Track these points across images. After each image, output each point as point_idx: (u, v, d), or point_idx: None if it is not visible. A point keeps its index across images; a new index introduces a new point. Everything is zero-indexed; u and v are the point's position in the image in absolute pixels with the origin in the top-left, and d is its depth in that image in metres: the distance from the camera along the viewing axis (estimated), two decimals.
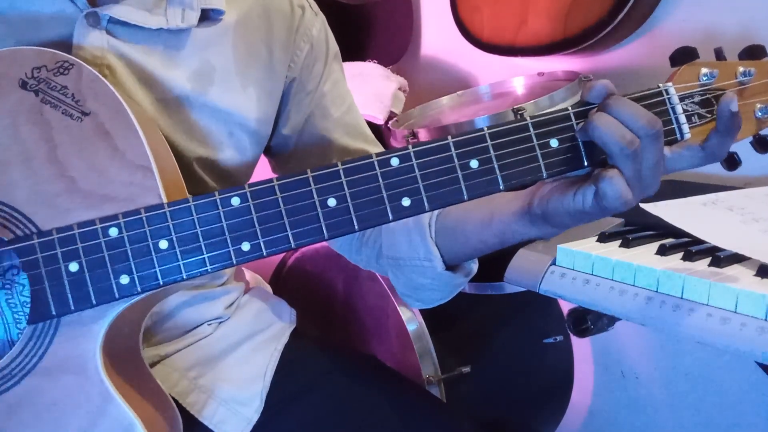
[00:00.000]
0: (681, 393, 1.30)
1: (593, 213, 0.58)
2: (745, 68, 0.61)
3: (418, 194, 0.56)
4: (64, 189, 0.57)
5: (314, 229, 0.56)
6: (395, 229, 0.76)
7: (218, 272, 0.81)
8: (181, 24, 0.68)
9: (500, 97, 1.31)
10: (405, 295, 0.81)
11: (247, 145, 0.76)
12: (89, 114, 0.57)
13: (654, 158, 0.56)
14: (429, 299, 0.79)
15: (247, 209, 0.56)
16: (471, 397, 1.24)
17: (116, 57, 0.66)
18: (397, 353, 1.21)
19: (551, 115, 0.58)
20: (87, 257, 0.56)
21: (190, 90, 0.70)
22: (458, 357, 1.22)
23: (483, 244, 0.69)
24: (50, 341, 0.57)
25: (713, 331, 0.63)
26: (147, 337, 0.76)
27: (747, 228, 0.73)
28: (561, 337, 1.35)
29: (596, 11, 1.13)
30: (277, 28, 0.77)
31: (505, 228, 0.66)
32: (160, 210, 0.56)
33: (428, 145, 0.56)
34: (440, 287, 0.76)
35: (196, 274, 0.56)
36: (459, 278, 0.75)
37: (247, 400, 0.78)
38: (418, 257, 0.74)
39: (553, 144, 0.57)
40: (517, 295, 1.19)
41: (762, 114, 0.63)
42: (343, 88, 0.86)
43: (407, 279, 0.77)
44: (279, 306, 0.90)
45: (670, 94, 0.59)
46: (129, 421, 0.57)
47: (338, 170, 0.56)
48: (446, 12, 1.41)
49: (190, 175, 0.72)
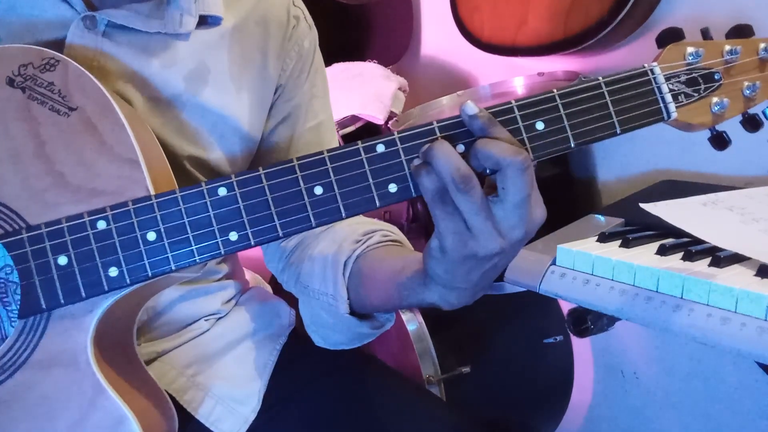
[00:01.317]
0: (681, 393, 1.30)
1: (452, 255, 0.54)
2: (731, 46, 0.61)
3: (405, 181, 0.56)
4: (52, 184, 0.57)
5: (302, 218, 0.56)
6: (316, 259, 0.75)
7: (214, 267, 0.82)
8: (179, 29, 0.68)
9: (500, 97, 1.31)
10: (310, 329, 0.79)
11: (237, 147, 0.77)
12: (76, 109, 0.58)
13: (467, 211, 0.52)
14: (332, 341, 0.77)
15: (233, 199, 0.56)
16: (471, 397, 1.24)
17: (110, 57, 0.67)
18: (397, 353, 1.21)
19: (536, 97, 0.57)
20: (75, 250, 0.56)
21: (184, 90, 0.71)
22: (458, 357, 1.22)
23: (386, 294, 0.66)
24: (41, 335, 0.57)
25: (713, 331, 0.63)
26: (143, 333, 0.76)
27: (747, 228, 0.73)
28: (561, 337, 1.35)
29: (596, 11, 1.13)
30: (273, 36, 0.77)
31: (407, 282, 0.62)
32: (147, 201, 0.56)
33: (413, 131, 0.56)
34: (342, 331, 0.74)
35: (185, 264, 0.56)
36: (364, 328, 0.73)
37: (245, 399, 0.78)
38: (326, 293, 0.73)
39: (539, 126, 0.57)
40: (517, 295, 1.19)
41: (750, 92, 0.62)
42: (318, 105, 0.85)
43: (314, 313, 0.76)
44: (279, 306, 0.90)
45: (655, 74, 0.59)
46: (121, 413, 0.57)
47: (324, 158, 0.56)
48: (446, 12, 1.41)
49: (183, 172, 0.72)
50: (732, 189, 0.87)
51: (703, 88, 0.61)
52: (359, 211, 0.57)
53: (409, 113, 1.34)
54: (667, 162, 1.23)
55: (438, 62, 1.66)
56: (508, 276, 0.83)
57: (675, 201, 0.78)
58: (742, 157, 1.11)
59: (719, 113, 0.61)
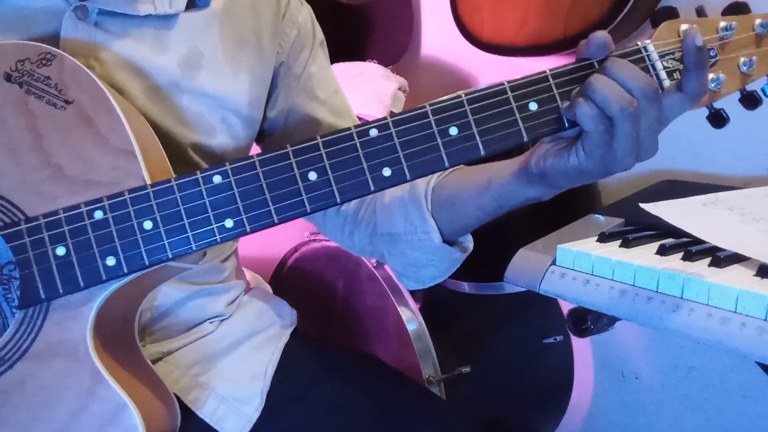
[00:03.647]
0: (681, 393, 1.30)
1: (592, 173, 0.58)
2: (726, 23, 0.61)
3: (399, 164, 0.57)
4: (50, 176, 0.58)
5: (296, 203, 0.57)
6: (391, 205, 0.76)
7: (217, 265, 0.83)
8: (168, 9, 0.69)
9: None
10: (401, 275, 0.80)
11: (239, 129, 0.77)
12: (72, 102, 0.59)
13: (651, 119, 0.56)
14: (426, 277, 0.78)
15: (228, 186, 0.57)
16: (471, 397, 1.24)
17: (105, 48, 0.67)
18: (397, 353, 1.21)
19: (529, 78, 0.58)
20: (73, 240, 0.57)
21: (180, 76, 0.71)
22: (458, 357, 1.22)
23: (481, 210, 0.68)
24: (41, 326, 0.58)
25: (713, 331, 0.63)
26: (148, 333, 0.77)
27: (747, 228, 0.73)
28: (561, 337, 1.35)
29: (596, 11, 1.13)
30: (264, 17, 0.78)
31: (503, 190, 0.65)
32: (143, 191, 0.57)
33: (406, 114, 0.57)
34: (438, 262, 0.75)
35: (182, 252, 0.57)
36: (456, 253, 0.74)
37: (248, 399, 0.79)
38: (414, 231, 0.73)
39: (532, 107, 0.57)
40: (517, 295, 1.19)
41: (747, 68, 0.62)
42: (329, 74, 0.87)
43: (403, 256, 0.77)
44: (279, 306, 0.91)
45: (648, 51, 0.59)
46: (120, 401, 0.57)
47: (317, 143, 0.57)
48: (446, 12, 1.41)
49: (187, 161, 0.73)
50: (732, 189, 0.87)
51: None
52: (354, 196, 0.57)
53: None
54: (667, 162, 1.23)
55: (438, 62, 1.66)
56: (508, 276, 0.83)
57: (675, 201, 0.78)
58: (742, 157, 1.11)
59: (716, 89, 0.61)
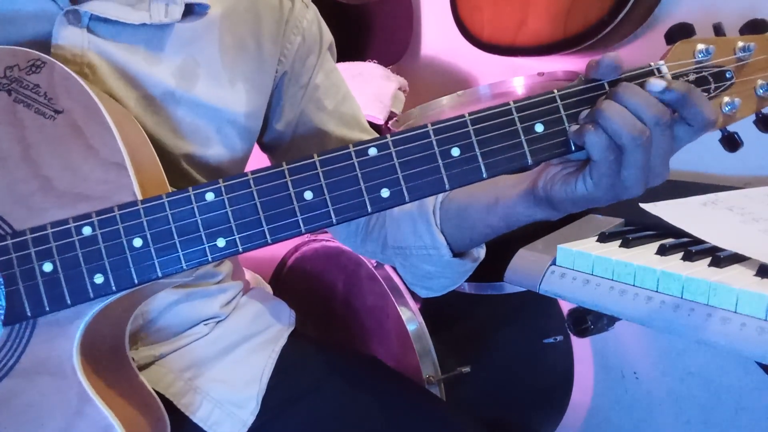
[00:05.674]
0: (681, 393, 1.30)
1: (600, 201, 0.57)
2: (744, 43, 0.58)
3: (398, 185, 0.55)
4: (38, 188, 0.56)
5: (291, 223, 0.55)
6: (400, 218, 0.76)
7: (212, 270, 0.81)
8: (164, 19, 0.66)
9: (500, 97, 1.30)
10: (413, 285, 0.81)
11: (236, 140, 0.75)
12: (62, 112, 0.56)
13: (663, 147, 0.55)
14: (437, 287, 0.79)
15: (221, 204, 0.55)
16: (471, 397, 1.24)
17: (97, 55, 0.65)
18: (397, 353, 1.21)
19: (535, 98, 0.55)
20: (60, 256, 0.55)
21: (175, 86, 0.69)
22: (458, 357, 1.22)
23: (489, 228, 0.68)
24: (27, 343, 0.56)
25: (713, 331, 0.63)
26: (141, 337, 0.75)
27: (747, 228, 0.73)
28: (561, 337, 1.35)
29: (596, 11, 1.13)
30: (265, 22, 0.75)
31: (509, 211, 0.65)
32: (133, 207, 0.55)
33: (407, 134, 0.55)
34: (448, 275, 0.76)
35: (172, 272, 0.55)
36: (467, 264, 0.75)
37: (243, 403, 0.78)
38: (424, 246, 0.73)
39: (538, 129, 0.55)
40: (517, 295, 1.18)
41: (764, 91, 0.58)
42: (337, 77, 0.85)
43: (415, 268, 0.77)
44: (278, 307, 0.90)
45: (662, 73, 0.57)
46: (107, 423, 0.56)
47: (314, 162, 0.55)
48: (446, 12, 1.41)
49: (179, 172, 0.71)
50: (732, 189, 0.87)
51: (714, 87, 0.58)
52: (351, 217, 0.55)
53: (409, 113, 1.34)
54: None
55: (438, 62, 1.66)
56: (508, 276, 0.83)
57: (675, 201, 0.77)
58: (742, 157, 1.11)
59: (730, 114, 0.59)
